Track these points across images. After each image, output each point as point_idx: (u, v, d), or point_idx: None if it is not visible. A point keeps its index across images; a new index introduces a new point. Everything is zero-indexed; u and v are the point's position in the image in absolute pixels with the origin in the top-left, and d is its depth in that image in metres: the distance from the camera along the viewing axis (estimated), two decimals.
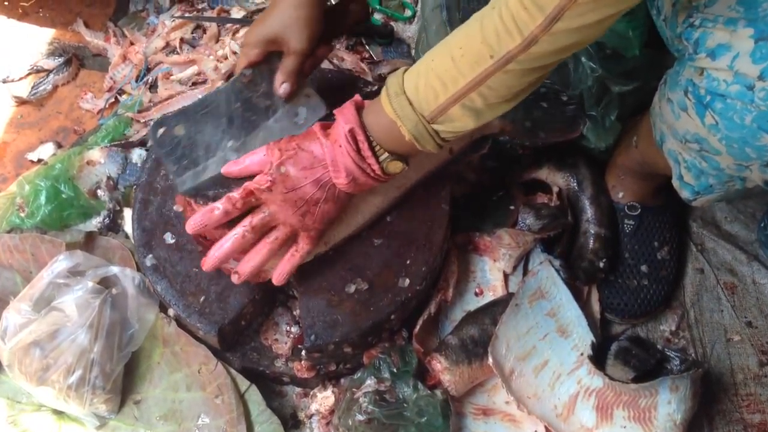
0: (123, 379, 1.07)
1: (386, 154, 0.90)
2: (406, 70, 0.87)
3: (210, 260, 0.94)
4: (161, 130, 1.02)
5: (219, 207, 0.93)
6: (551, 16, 0.72)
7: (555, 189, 1.22)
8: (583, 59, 1.11)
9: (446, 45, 0.83)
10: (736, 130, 0.81)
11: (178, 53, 1.42)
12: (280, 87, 1.03)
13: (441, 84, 0.82)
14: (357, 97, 0.93)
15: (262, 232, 0.95)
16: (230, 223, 0.95)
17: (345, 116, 0.90)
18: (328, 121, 0.97)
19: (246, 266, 0.95)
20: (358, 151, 0.89)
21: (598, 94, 1.14)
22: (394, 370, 1.04)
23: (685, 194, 1.01)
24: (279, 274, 0.97)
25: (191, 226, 0.94)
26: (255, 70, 1.03)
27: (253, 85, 1.04)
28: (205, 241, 1.00)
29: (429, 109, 0.84)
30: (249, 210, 0.94)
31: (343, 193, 0.94)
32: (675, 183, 1.01)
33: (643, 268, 1.19)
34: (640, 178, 1.19)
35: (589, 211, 1.19)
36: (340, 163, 0.90)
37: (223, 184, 0.98)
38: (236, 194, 0.93)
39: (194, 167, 1.02)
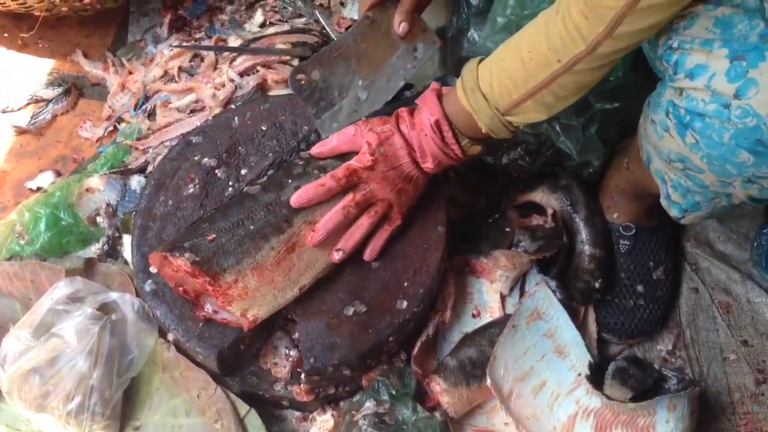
0: (122, 405, 1.07)
1: (466, 140, 1.00)
2: (480, 62, 0.95)
3: (317, 235, 1.02)
4: (300, 76, 1.12)
5: (323, 183, 1.02)
6: (611, 24, 0.78)
7: (549, 211, 1.24)
8: None
9: (516, 47, 0.90)
10: (715, 148, 0.82)
11: (176, 81, 1.43)
12: (399, 26, 1.14)
13: (513, 84, 0.90)
14: (434, 84, 1.03)
15: (362, 208, 1.04)
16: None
17: (429, 107, 1.00)
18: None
19: (350, 241, 1.04)
20: (443, 138, 1.00)
21: (578, 109, 1.15)
22: (393, 392, 1.04)
23: (673, 212, 1.02)
24: (373, 249, 1.07)
25: (297, 199, 1.02)
26: (376, 11, 1.14)
27: (376, 25, 1.15)
28: (187, 294, 1.03)
29: (503, 104, 0.92)
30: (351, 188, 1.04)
31: (428, 175, 1.06)
32: (663, 202, 1.02)
33: (639, 287, 1.20)
34: (633, 198, 1.21)
35: (583, 232, 1.20)
36: (427, 149, 1.01)
37: (201, 231, 1.01)
38: (340, 171, 1.02)
39: (331, 108, 1.14)
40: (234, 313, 0.99)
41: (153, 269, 1.06)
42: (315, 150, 1.08)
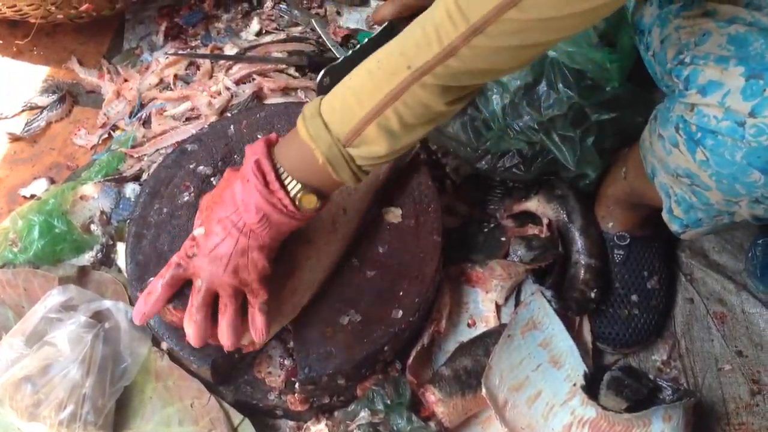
0: (115, 414, 1.06)
1: (298, 186, 0.84)
2: (324, 97, 0.83)
3: (194, 342, 0.94)
4: (326, 80, 1.08)
5: (154, 290, 0.92)
6: (474, 26, 0.70)
7: (545, 220, 1.24)
8: (560, 86, 1.13)
9: (365, 62, 0.80)
10: (726, 166, 0.82)
11: (171, 89, 1.43)
12: None
13: (357, 100, 0.78)
14: (272, 134, 0.89)
15: (209, 304, 0.91)
16: None
17: (253, 149, 0.85)
18: None
19: (227, 342, 0.93)
20: (266, 185, 0.83)
21: (575, 120, 1.15)
22: (388, 402, 1.04)
23: (674, 227, 1.02)
24: (257, 334, 0.93)
25: (138, 317, 0.93)
26: (396, 20, 1.09)
27: (395, 32, 1.10)
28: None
29: (345, 130, 0.79)
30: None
31: (266, 238, 0.87)
32: (665, 216, 1.02)
33: (634, 297, 1.20)
34: (629, 208, 1.21)
35: (579, 242, 1.21)
36: (250, 200, 0.84)
37: None
38: (166, 272, 0.91)
39: None
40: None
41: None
42: None
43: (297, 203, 0.85)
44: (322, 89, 1.07)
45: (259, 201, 0.84)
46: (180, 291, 0.95)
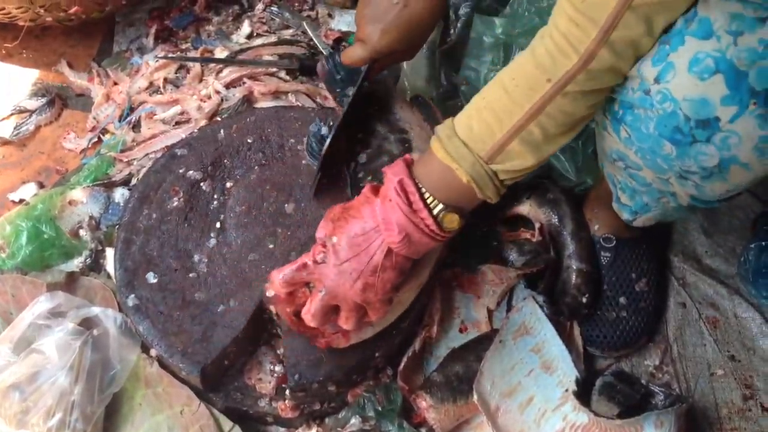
0: (104, 421, 1.05)
1: (440, 206, 0.84)
2: (453, 119, 0.84)
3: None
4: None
5: (274, 282, 0.91)
6: (605, 27, 0.71)
7: (537, 225, 1.23)
8: None
9: (497, 80, 0.81)
10: (645, 141, 0.81)
11: (161, 93, 1.43)
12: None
13: (496, 119, 0.79)
14: (407, 156, 0.89)
15: (327, 314, 0.91)
16: None
17: (393, 170, 0.85)
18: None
19: (339, 343, 0.97)
20: (410, 204, 0.83)
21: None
22: (379, 408, 1.04)
23: (624, 216, 1.02)
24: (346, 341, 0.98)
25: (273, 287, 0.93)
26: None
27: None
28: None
29: (485, 148, 0.80)
30: None
31: (402, 258, 0.87)
32: (614, 206, 1.02)
33: (622, 300, 1.20)
34: (612, 209, 1.20)
35: (570, 247, 1.20)
36: (392, 219, 0.84)
37: None
38: (288, 269, 0.89)
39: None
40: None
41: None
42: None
43: (439, 222, 0.85)
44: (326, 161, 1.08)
45: (402, 220, 0.83)
46: None
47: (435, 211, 0.85)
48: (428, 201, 0.85)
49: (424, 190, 0.85)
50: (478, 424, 1.10)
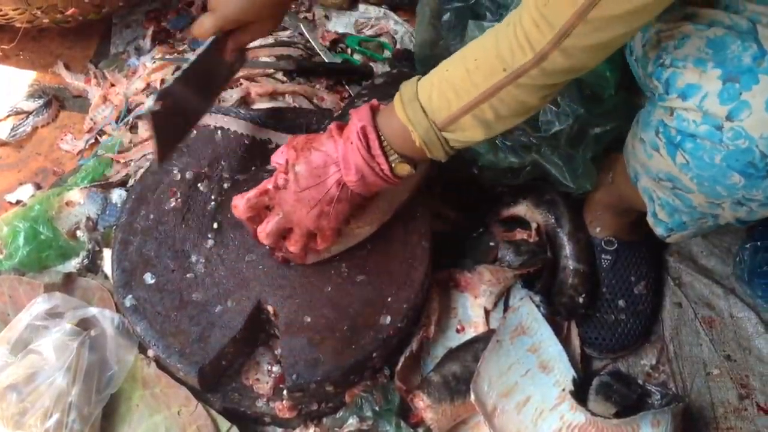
0: (101, 422, 1.05)
1: (396, 155, 0.92)
2: (419, 78, 0.90)
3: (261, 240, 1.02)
4: (158, 105, 0.99)
5: (236, 202, 1.00)
6: (560, 32, 0.74)
7: (534, 225, 1.24)
8: (560, 99, 1.13)
9: (461, 57, 0.86)
10: (706, 169, 0.82)
11: None
12: (231, 54, 1.09)
13: (454, 93, 0.85)
14: (374, 101, 0.96)
15: (279, 235, 1.00)
16: None
17: (359, 115, 0.93)
18: None
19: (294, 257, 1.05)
20: (368, 149, 0.91)
21: (576, 136, 1.15)
22: (377, 408, 1.04)
23: (659, 231, 1.02)
24: (301, 260, 1.06)
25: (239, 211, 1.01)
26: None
27: (221, 46, 1.08)
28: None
29: (441, 117, 0.87)
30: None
31: (355, 194, 0.96)
32: (650, 220, 1.02)
33: (621, 302, 1.20)
34: (616, 213, 1.21)
35: (567, 247, 1.21)
36: (350, 160, 0.92)
37: None
38: (251, 193, 0.99)
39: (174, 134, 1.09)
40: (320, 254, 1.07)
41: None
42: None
43: (392, 168, 0.93)
44: (155, 115, 0.99)
45: (360, 162, 0.92)
46: None
47: (390, 158, 0.93)
48: (386, 149, 0.92)
49: (383, 138, 0.92)
50: (476, 424, 1.10)
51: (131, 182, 1.30)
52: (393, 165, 0.93)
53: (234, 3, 1.03)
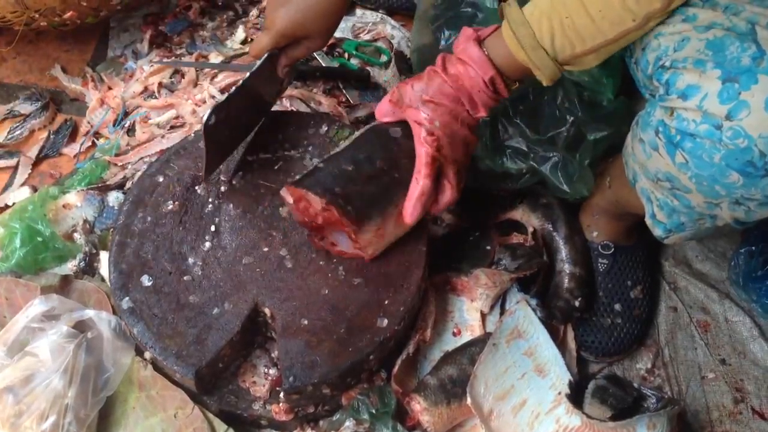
0: (98, 424, 1.05)
1: (515, 84, 0.98)
2: (531, 23, 0.92)
3: (415, 213, 1.01)
4: (212, 119, 1.06)
5: (423, 192, 1.00)
6: None
7: (530, 229, 1.24)
8: (559, 103, 1.14)
9: (581, 3, 0.87)
10: (705, 168, 0.83)
11: (156, 97, 1.43)
12: (283, 70, 1.14)
13: (579, 39, 0.88)
14: (467, 31, 0.99)
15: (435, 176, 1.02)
16: None
17: (479, 64, 0.96)
18: None
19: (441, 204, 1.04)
20: (496, 91, 0.97)
21: (573, 140, 1.16)
22: (373, 411, 1.04)
23: (657, 232, 1.03)
24: (443, 205, 1.04)
25: (412, 217, 1.02)
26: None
27: (275, 61, 1.12)
28: (310, 224, 1.05)
29: (564, 55, 0.91)
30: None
31: (476, 122, 1.02)
32: (648, 221, 1.03)
33: (617, 306, 1.21)
34: (613, 218, 1.22)
35: (563, 251, 1.21)
36: (479, 101, 0.98)
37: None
38: (425, 168, 0.99)
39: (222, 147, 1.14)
40: (366, 253, 1.05)
41: (288, 199, 1.05)
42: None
43: (510, 92, 0.99)
44: (209, 129, 1.05)
45: (488, 102, 0.98)
46: None
47: (510, 87, 0.98)
48: (507, 83, 0.97)
49: (505, 77, 0.97)
50: (472, 427, 1.10)
51: (128, 185, 1.30)
52: (510, 89, 0.99)
53: (289, 20, 1.06)
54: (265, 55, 1.09)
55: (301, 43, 1.10)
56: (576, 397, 1.09)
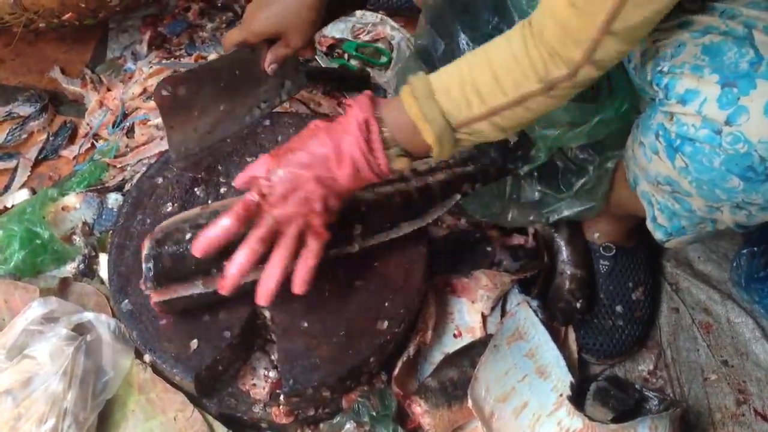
0: (97, 428, 1.04)
1: (396, 149, 0.89)
2: (430, 77, 0.87)
3: (228, 282, 0.91)
4: (166, 89, 1.08)
5: (225, 223, 0.90)
6: (589, 49, 0.76)
7: (531, 230, 1.24)
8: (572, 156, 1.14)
9: (485, 61, 0.84)
10: (705, 172, 0.83)
11: None
12: (269, 67, 1.12)
13: (478, 97, 0.83)
14: (368, 92, 0.92)
15: (269, 240, 0.91)
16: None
17: (360, 106, 0.89)
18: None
19: (268, 283, 0.91)
20: (368, 141, 0.88)
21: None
22: (374, 413, 1.03)
23: (658, 236, 1.02)
24: (300, 282, 0.93)
25: (200, 247, 0.90)
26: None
27: (254, 55, 1.13)
28: (165, 310, 1.02)
29: (460, 118, 0.85)
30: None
31: (344, 188, 0.91)
32: (649, 224, 1.02)
33: (618, 308, 1.20)
34: (614, 219, 1.21)
35: (564, 252, 1.21)
36: (346, 153, 0.88)
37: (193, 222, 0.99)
38: (239, 207, 0.90)
39: (187, 125, 1.12)
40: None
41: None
42: (236, 182, 0.96)
43: (391, 164, 0.89)
44: (163, 100, 1.07)
45: (358, 157, 0.88)
46: None
47: (390, 153, 0.89)
48: (387, 144, 0.88)
49: (386, 133, 0.88)
50: (473, 430, 1.10)
51: (127, 187, 1.30)
52: (391, 159, 0.89)
53: (262, 17, 1.07)
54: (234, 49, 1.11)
55: (285, 42, 1.10)
56: (577, 399, 1.09)
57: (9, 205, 1.31)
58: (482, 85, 0.83)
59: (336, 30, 1.58)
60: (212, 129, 1.16)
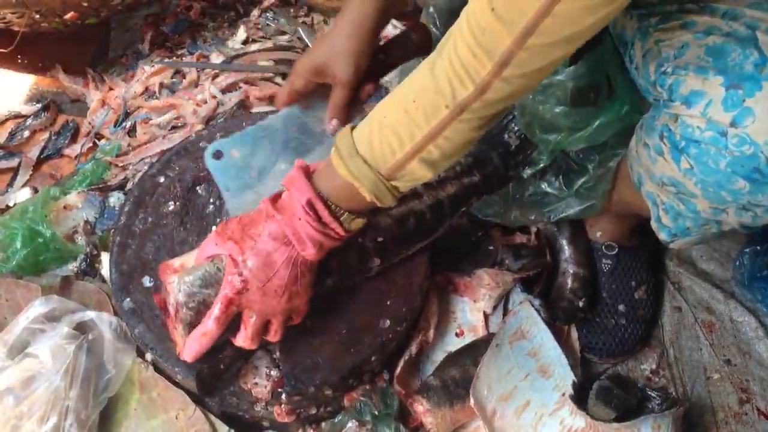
0: (99, 426, 1.04)
1: (346, 215, 0.89)
2: (353, 129, 0.85)
3: (188, 351, 0.94)
4: (218, 152, 1.06)
5: (205, 332, 0.92)
6: (500, 62, 0.71)
7: (533, 229, 1.24)
8: (573, 156, 1.13)
9: (398, 99, 0.81)
10: (711, 174, 0.82)
11: (157, 98, 1.43)
12: (330, 123, 1.05)
13: (397, 139, 0.80)
14: (300, 161, 0.91)
15: (260, 334, 0.95)
16: None
17: (297, 187, 0.88)
18: None
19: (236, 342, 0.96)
20: (319, 219, 0.88)
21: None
22: (376, 412, 1.03)
23: (662, 236, 1.02)
24: (237, 344, 0.96)
25: (191, 356, 0.93)
26: (309, 95, 1.07)
27: (309, 111, 1.09)
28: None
29: (386, 166, 0.82)
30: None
31: (314, 261, 0.93)
32: (653, 225, 1.02)
33: (621, 307, 1.20)
34: (617, 218, 1.21)
35: (567, 251, 1.20)
36: (303, 235, 0.88)
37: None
38: (217, 310, 0.91)
39: (246, 189, 1.06)
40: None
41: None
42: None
43: (347, 228, 0.90)
44: (212, 163, 1.05)
45: (314, 234, 0.88)
46: None
47: (342, 219, 0.89)
48: (337, 213, 0.89)
49: (330, 202, 0.88)
50: (475, 429, 1.09)
51: (129, 185, 1.30)
52: (346, 225, 0.90)
53: (303, 59, 1.05)
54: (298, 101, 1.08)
55: (333, 86, 1.04)
56: (580, 398, 1.08)
57: (11, 204, 1.31)
58: (398, 125, 0.80)
59: None
60: (273, 191, 1.12)
